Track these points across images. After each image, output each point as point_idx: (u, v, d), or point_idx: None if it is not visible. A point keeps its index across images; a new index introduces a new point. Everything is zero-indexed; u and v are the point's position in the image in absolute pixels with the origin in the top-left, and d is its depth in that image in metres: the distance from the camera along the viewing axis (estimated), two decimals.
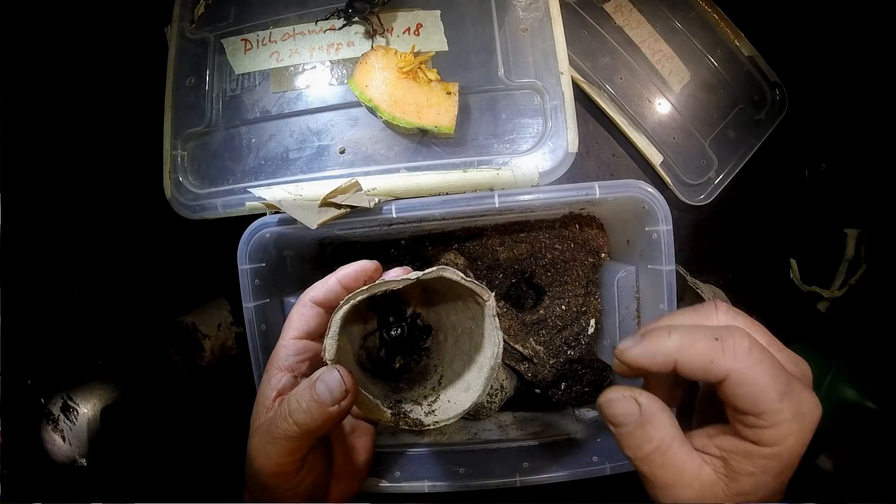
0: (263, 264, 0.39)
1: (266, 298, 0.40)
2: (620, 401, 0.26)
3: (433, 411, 0.35)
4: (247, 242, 0.38)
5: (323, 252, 0.50)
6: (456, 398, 0.35)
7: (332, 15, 0.43)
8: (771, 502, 0.26)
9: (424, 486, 0.40)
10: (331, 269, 0.50)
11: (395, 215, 0.37)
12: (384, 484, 0.40)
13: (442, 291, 0.37)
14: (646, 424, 0.25)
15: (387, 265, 0.49)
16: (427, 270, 0.31)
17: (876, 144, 0.52)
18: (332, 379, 0.29)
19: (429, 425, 0.34)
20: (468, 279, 0.32)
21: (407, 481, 0.40)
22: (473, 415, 0.46)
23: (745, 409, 0.24)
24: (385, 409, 0.34)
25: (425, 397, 0.36)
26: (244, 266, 0.38)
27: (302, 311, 0.33)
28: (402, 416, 0.34)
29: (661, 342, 0.25)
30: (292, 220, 0.38)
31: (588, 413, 0.47)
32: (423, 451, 0.43)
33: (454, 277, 0.31)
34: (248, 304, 0.38)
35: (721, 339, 0.24)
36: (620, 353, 0.26)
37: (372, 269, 0.33)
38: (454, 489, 0.40)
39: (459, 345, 0.37)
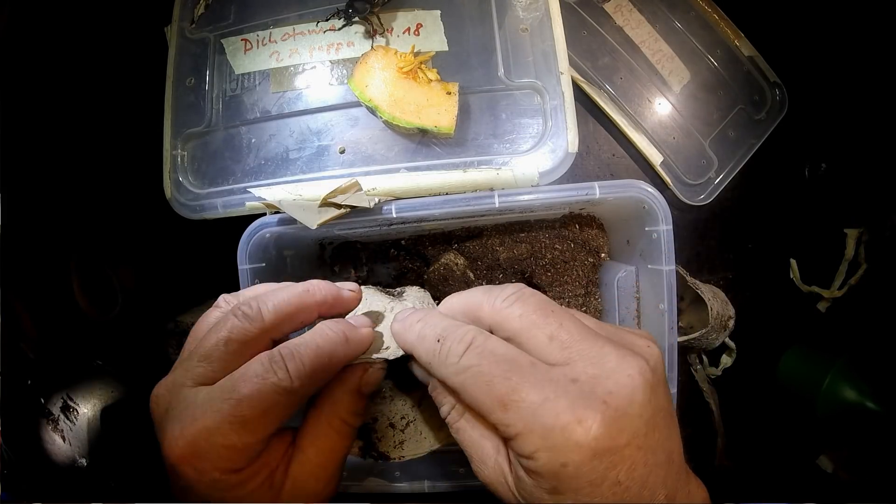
0: (263, 264, 0.39)
1: None
2: (412, 363, 0.27)
3: (402, 443, 0.33)
4: (247, 242, 0.38)
5: (323, 252, 0.50)
6: (427, 433, 0.34)
7: (333, 15, 0.43)
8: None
9: (424, 485, 0.40)
10: (331, 270, 0.50)
11: (395, 215, 0.37)
12: (384, 484, 0.40)
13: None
14: (436, 389, 0.26)
15: (386, 266, 0.49)
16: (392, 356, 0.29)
17: (876, 144, 0.52)
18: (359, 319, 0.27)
19: (394, 459, 0.33)
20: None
21: (407, 481, 0.40)
22: None
23: (485, 417, 0.22)
24: (357, 440, 0.32)
25: (402, 418, 0.34)
26: (244, 266, 0.38)
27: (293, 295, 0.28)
28: (370, 447, 0.33)
29: (407, 328, 0.26)
30: (292, 220, 0.38)
31: None
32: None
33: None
34: None
35: (442, 340, 0.24)
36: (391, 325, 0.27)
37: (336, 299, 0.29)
38: (454, 489, 0.40)
39: None
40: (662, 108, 0.53)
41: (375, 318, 0.31)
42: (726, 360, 0.53)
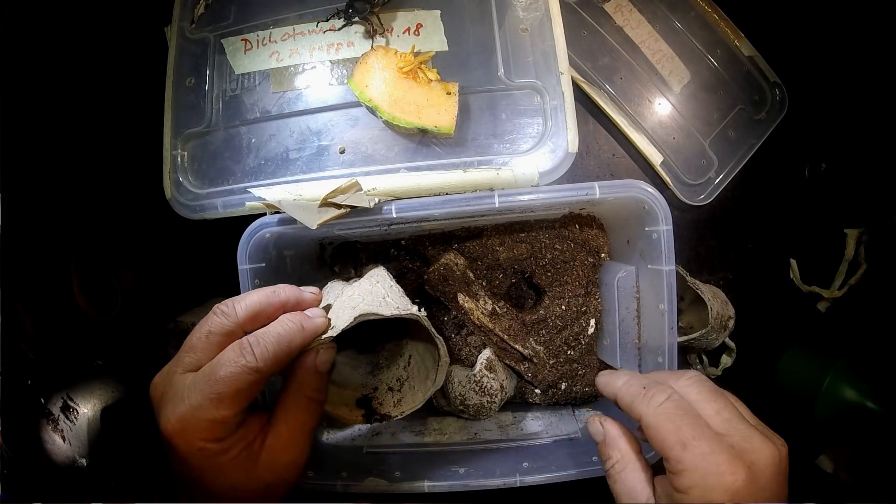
0: (263, 264, 0.39)
1: None
2: (592, 421, 0.34)
3: (399, 401, 0.39)
4: (247, 242, 0.38)
5: (323, 252, 0.50)
6: (419, 386, 0.39)
7: (333, 16, 0.43)
8: None
9: (424, 485, 0.40)
10: (331, 270, 0.50)
11: (395, 215, 0.37)
12: (384, 484, 0.40)
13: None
14: (608, 444, 0.33)
15: (387, 265, 0.49)
16: (348, 325, 0.33)
17: (876, 144, 0.52)
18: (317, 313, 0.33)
19: (395, 416, 0.38)
20: (396, 314, 0.34)
21: (407, 481, 0.40)
22: (473, 415, 0.46)
23: (658, 451, 0.29)
24: (357, 411, 0.38)
25: (398, 380, 0.40)
26: (244, 266, 0.38)
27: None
28: (373, 413, 0.38)
29: (614, 380, 0.33)
30: (292, 220, 0.38)
31: (588, 413, 0.47)
32: (423, 451, 0.43)
33: (382, 315, 0.34)
34: None
35: (647, 388, 0.31)
36: (596, 378, 0.35)
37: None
38: (454, 489, 0.40)
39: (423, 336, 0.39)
40: (662, 108, 0.53)
41: (328, 308, 0.36)
42: (726, 360, 0.53)
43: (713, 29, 0.54)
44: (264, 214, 0.39)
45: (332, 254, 0.50)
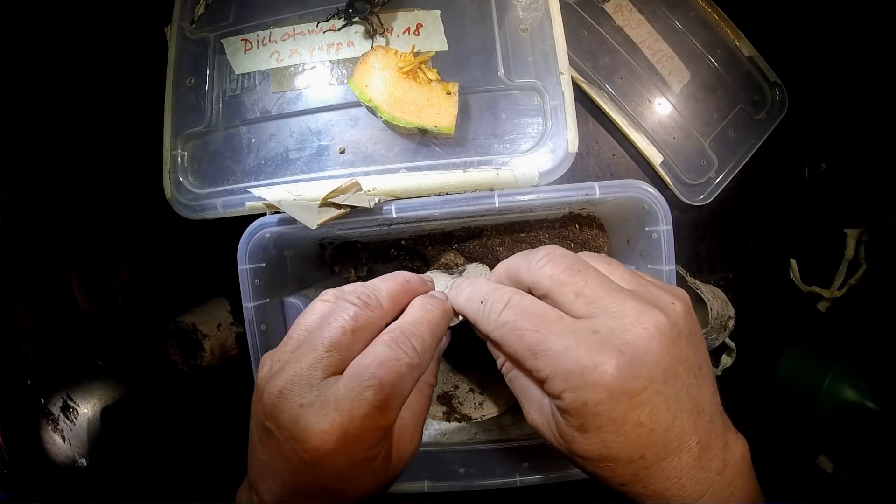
0: (263, 264, 0.39)
1: (266, 298, 0.40)
2: None
3: (481, 404, 0.38)
4: (247, 242, 0.38)
5: (323, 252, 0.50)
6: (502, 394, 0.38)
7: (333, 16, 0.43)
8: (591, 453, 0.25)
9: (424, 485, 0.40)
10: (331, 270, 0.50)
11: (395, 215, 0.37)
12: None
13: None
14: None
15: (386, 266, 0.49)
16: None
17: (876, 144, 0.52)
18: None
19: (476, 419, 0.37)
20: None
21: (407, 481, 0.40)
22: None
23: (522, 366, 0.26)
24: (438, 407, 0.38)
25: (480, 382, 0.39)
26: (244, 266, 0.38)
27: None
28: (453, 410, 0.37)
29: (457, 294, 0.30)
30: (292, 220, 0.38)
31: None
32: (423, 451, 0.43)
33: None
34: (248, 304, 0.38)
35: (485, 301, 0.28)
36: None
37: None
38: (454, 489, 0.40)
39: None
40: (662, 108, 0.53)
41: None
42: (726, 360, 0.53)
43: (713, 29, 0.54)
44: (264, 214, 0.39)
45: (333, 254, 0.50)
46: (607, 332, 0.24)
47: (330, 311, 0.28)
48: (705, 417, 0.25)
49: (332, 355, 0.26)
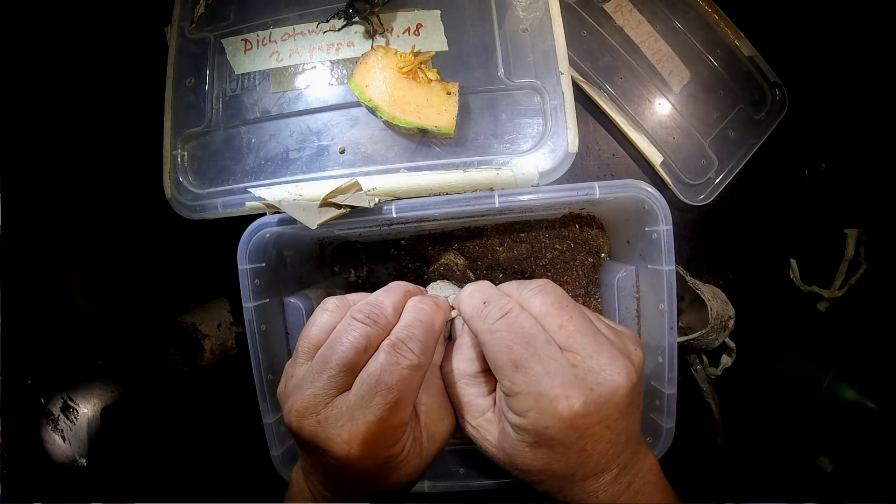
0: (263, 264, 0.39)
1: (266, 298, 0.40)
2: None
3: None
4: (247, 242, 0.38)
5: (323, 252, 0.50)
6: None
7: (333, 16, 0.43)
8: (534, 467, 0.27)
9: (424, 486, 0.40)
10: (331, 270, 0.50)
11: (395, 215, 0.37)
12: None
13: None
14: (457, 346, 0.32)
15: (387, 266, 0.49)
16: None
17: (876, 144, 0.52)
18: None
19: None
20: None
21: None
22: None
23: (493, 370, 0.28)
24: None
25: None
26: (244, 266, 0.38)
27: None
28: None
29: (463, 292, 0.32)
30: (292, 221, 0.38)
31: None
32: None
33: None
34: (248, 305, 0.38)
35: (487, 303, 0.29)
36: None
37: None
38: (454, 489, 0.40)
39: None
40: (662, 108, 0.53)
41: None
42: (726, 360, 0.53)
43: (713, 29, 0.54)
44: (264, 214, 0.39)
45: (332, 254, 0.50)
46: (584, 369, 0.26)
47: (336, 324, 0.30)
48: (630, 445, 0.29)
49: (345, 374, 0.28)
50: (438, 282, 0.41)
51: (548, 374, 0.26)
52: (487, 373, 0.31)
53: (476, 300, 0.30)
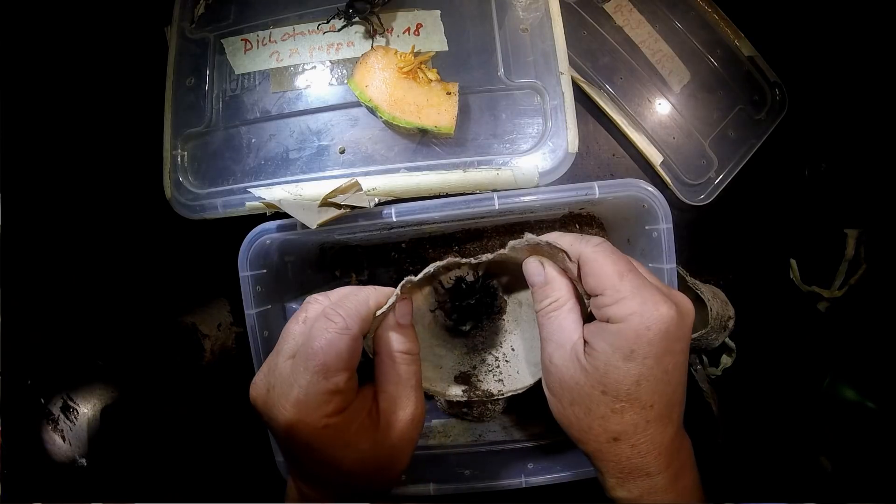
0: (264, 270, 0.39)
1: (268, 305, 0.40)
2: (533, 263, 0.34)
3: (501, 380, 0.39)
4: (247, 249, 0.38)
5: (324, 256, 0.50)
6: (524, 371, 0.38)
7: (333, 16, 0.43)
8: (620, 388, 0.28)
9: (430, 488, 0.40)
10: (332, 274, 0.50)
11: (395, 219, 0.37)
12: None
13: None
14: (547, 285, 0.32)
15: (387, 270, 0.49)
16: (486, 256, 0.36)
17: (876, 144, 0.52)
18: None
19: (497, 395, 0.38)
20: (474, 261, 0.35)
21: (412, 484, 0.40)
22: (477, 416, 0.46)
23: (593, 288, 0.30)
24: (457, 386, 0.38)
25: (496, 358, 0.40)
26: (245, 273, 0.38)
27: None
28: (473, 388, 0.38)
29: (544, 235, 0.33)
30: (292, 227, 0.38)
31: None
32: (428, 454, 0.43)
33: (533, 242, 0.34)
34: (251, 311, 0.38)
35: (583, 236, 0.32)
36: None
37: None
38: (459, 491, 0.40)
39: (532, 316, 0.38)
40: (662, 108, 0.53)
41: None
42: (726, 360, 0.53)
43: (713, 29, 0.54)
44: (264, 215, 0.39)
45: (333, 258, 0.50)
46: (665, 291, 0.29)
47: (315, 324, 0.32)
48: (683, 407, 0.31)
49: (291, 347, 0.31)
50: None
51: (646, 286, 0.29)
52: (581, 302, 0.32)
53: (573, 235, 0.33)
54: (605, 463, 0.30)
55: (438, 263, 0.35)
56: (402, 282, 0.34)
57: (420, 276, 0.34)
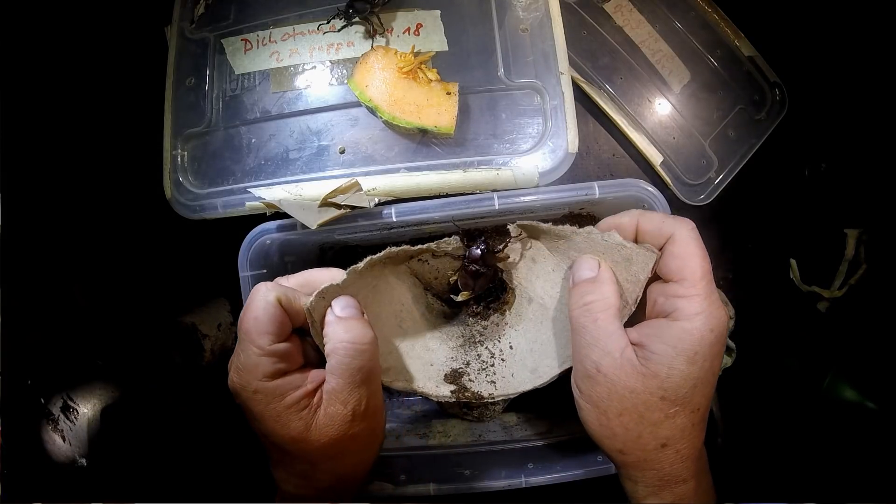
0: (264, 270, 0.39)
1: None
2: (588, 258, 0.33)
3: (493, 382, 0.37)
4: (247, 249, 0.38)
5: (324, 257, 0.50)
6: (519, 375, 0.37)
7: (333, 16, 0.43)
8: (679, 392, 0.28)
9: (430, 488, 0.40)
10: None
11: (395, 219, 0.37)
12: (389, 487, 0.40)
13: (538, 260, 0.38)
14: (597, 282, 0.31)
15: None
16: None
17: (876, 144, 0.52)
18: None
19: (487, 398, 0.37)
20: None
21: (412, 484, 0.40)
22: (477, 416, 0.46)
23: (672, 272, 0.29)
24: (445, 386, 0.37)
25: (491, 356, 0.39)
26: (245, 273, 0.38)
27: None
28: (462, 388, 0.37)
29: (633, 211, 0.33)
30: (292, 227, 0.38)
31: None
32: (428, 454, 0.43)
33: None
34: None
35: (673, 216, 0.32)
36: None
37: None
38: (460, 491, 0.40)
39: (539, 317, 0.37)
40: (662, 108, 0.53)
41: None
42: (726, 360, 0.53)
43: (713, 29, 0.54)
44: (264, 215, 0.39)
45: (333, 258, 0.50)
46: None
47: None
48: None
49: None
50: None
51: (714, 292, 0.29)
52: (625, 308, 0.32)
53: (663, 215, 0.33)
54: (645, 472, 0.29)
55: (393, 249, 0.35)
56: (350, 268, 0.34)
57: (363, 263, 0.34)
